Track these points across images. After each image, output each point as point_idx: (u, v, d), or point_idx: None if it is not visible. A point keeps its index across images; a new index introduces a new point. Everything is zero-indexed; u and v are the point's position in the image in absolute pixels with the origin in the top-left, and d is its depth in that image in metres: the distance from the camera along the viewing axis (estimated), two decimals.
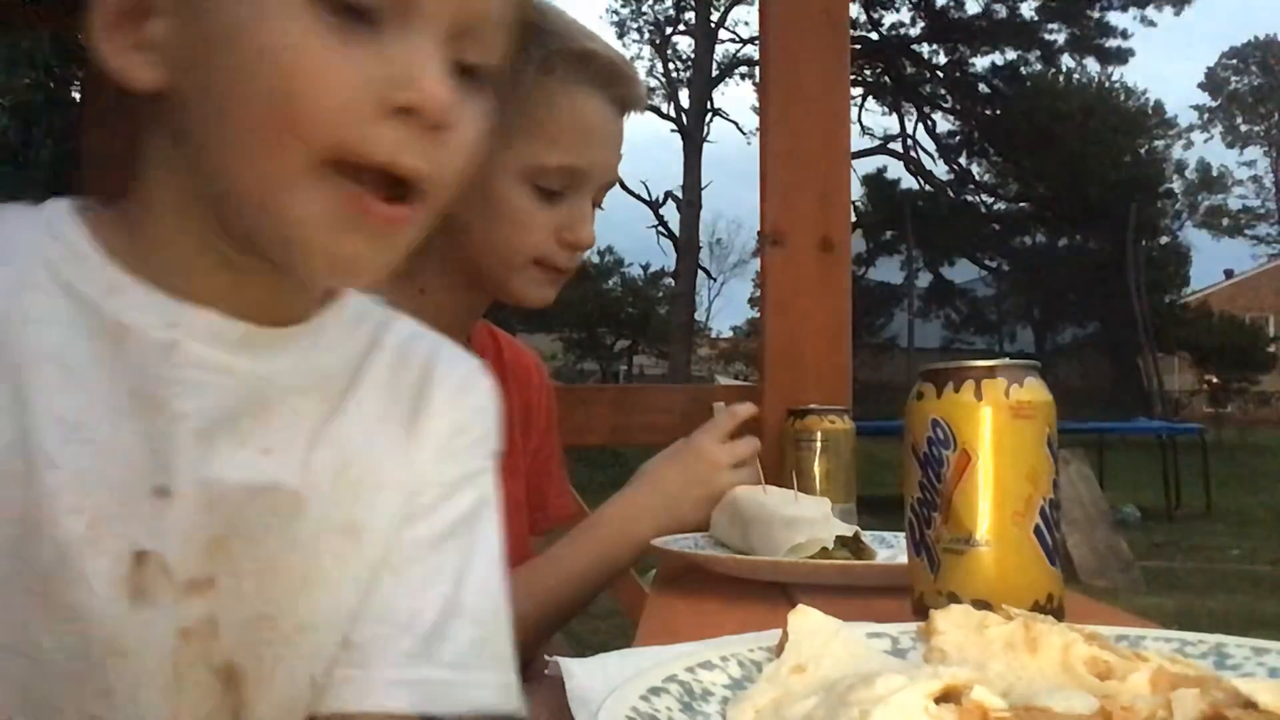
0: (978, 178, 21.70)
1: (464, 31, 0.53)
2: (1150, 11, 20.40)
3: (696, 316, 23.41)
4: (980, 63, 20.66)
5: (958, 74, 20.69)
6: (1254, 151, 37.42)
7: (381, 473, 0.61)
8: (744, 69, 21.16)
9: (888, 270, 17.98)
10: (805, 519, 1.02)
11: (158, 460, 0.53)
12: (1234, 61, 37.78)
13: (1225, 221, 36.89)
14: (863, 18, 19.61)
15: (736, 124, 23.19)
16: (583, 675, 0.53)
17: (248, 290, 0.56)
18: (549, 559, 1.09)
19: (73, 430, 0.52)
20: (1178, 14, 20.57)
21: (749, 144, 20.11)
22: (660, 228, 22.11)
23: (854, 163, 2.54)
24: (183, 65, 0.52)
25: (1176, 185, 29.80)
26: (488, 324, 1.23)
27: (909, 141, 21.48)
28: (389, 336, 0.65)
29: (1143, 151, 22.16)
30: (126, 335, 0.54)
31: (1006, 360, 0.71)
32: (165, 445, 0.53)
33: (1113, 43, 20.57)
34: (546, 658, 0.59)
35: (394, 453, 0.62)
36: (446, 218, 1.05)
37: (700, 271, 23.25)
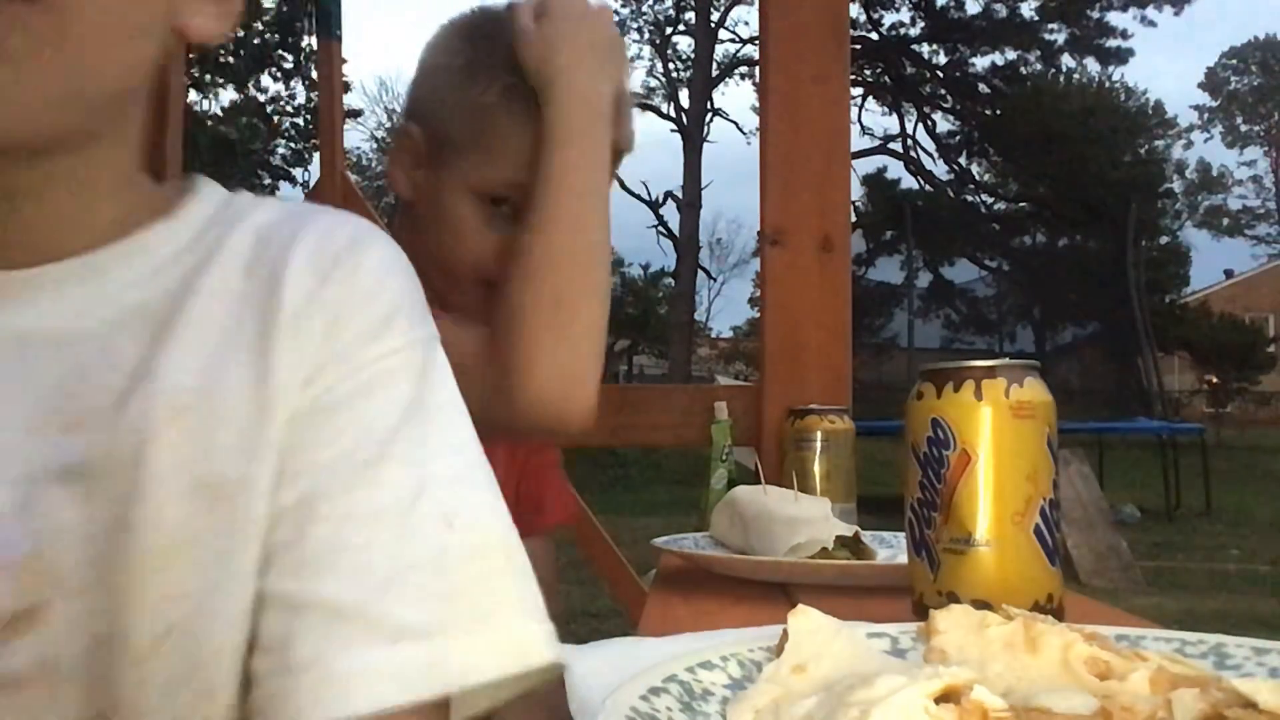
0: (978, 178, 21.70)
1: None
2: (1150, 11, 20.40)
3: (696, 316, 23.42)
4: (980, 63, 20.68)
5: (958, 74, 20.69)
6: (1254, 151, 37.46)
7: (236, 411, 0.46)
8: (744, 69, 21.16)
9: (888, 270, 17.97)
10: (805, 519, 1.02)
11: None
12: (1234, 61, 37.78)
13: (1225, 221, 36.90)
14: (863, 18, 19.62)
15: (736, 124, 23.17)
16: (582, 670, 0.53)
17: None
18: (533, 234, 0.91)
19: None
20: (1178, 14, 20.57)
21: (749, 144, 20.10)
22: (660, 228, 22.13)
23: (854, 163, 2.54)
24: None
25: (1176, 185, 29.82)
26: None
27: (909, 141, 21.49)
28: (239, 231, 0.50)
29: (1143, 151, 22.15)
30: None
31: (1006, 360, 0.71)
32: None
33: (1113, 43, 20.58)
34: None
35: (249, 381, 0.46)
36: (415, 222, 1.06)
37: (700, 271, 23.27)
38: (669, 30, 22.14)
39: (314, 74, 4.58)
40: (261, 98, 14.86)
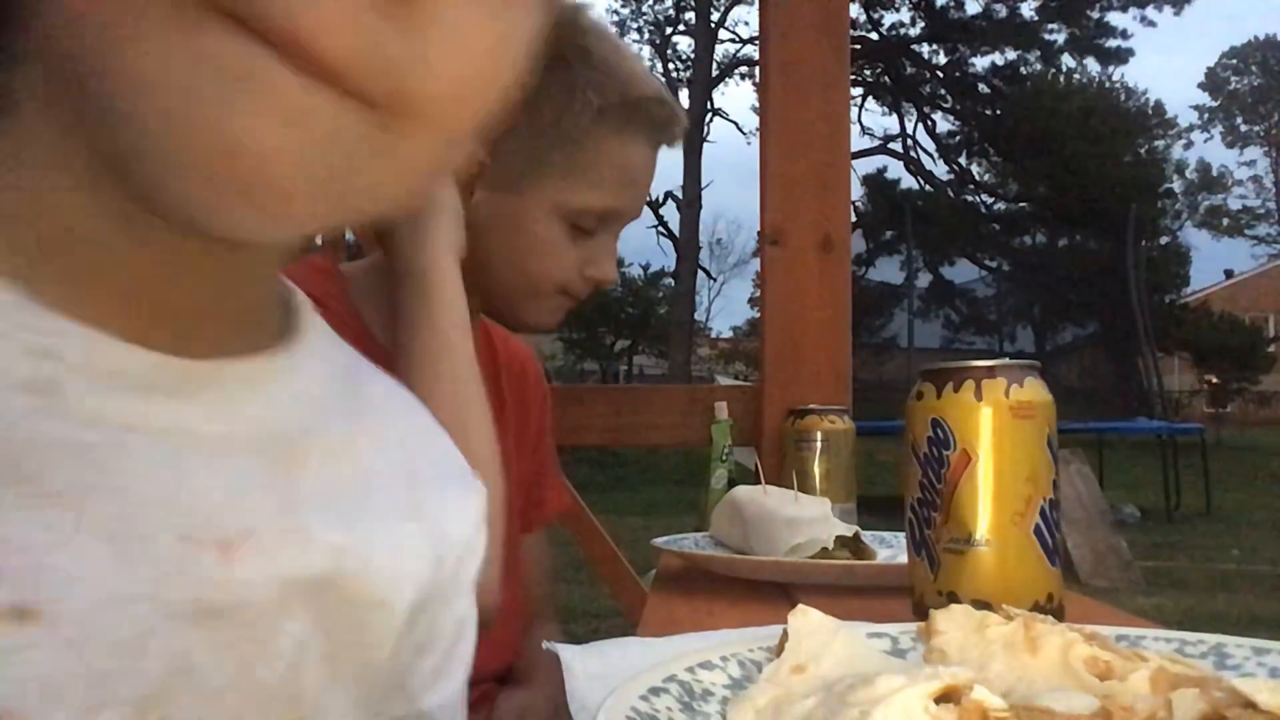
0: (978, 178, 21.68)
1: None
2: (1150, 11, 20.39)
3: (696, 316, 23.42)
4: (980, 63, 20.66)
5: (958, 74, 20.68)
6: (1254, 151, 37.45)
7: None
8: (744, 69, 21.16)
9: (888, 270, 17.95)
10: (805, 519, 1.02)
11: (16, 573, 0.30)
12: (1234, 61, 37.78)
13: (1225, 221, 36.89)
14: (863, 18, 19.61)
15: (736, 124, 23.20)
16: (582, 670, 0.53)
17: (177, 280, 0.35)
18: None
19: None
20: (1178, 14, 20.55)
21: (749, 144, 20.11)
22: (660, 228, 22.11)
23: (854, 163, 2.54)
24: None
25: (1176, 185, 29.76)
26: (482, 319, 1.23)
27: (909, 141, 21.48)
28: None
29: (1143, 151, 22.14)
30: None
31: (1006, 360, 0.71)
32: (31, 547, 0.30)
33: (1113, 43, 20.56)
34: (545, 645, 0.59)
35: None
36: (469, 239, 1.05)
37: (700, 271, 23.26)
38: (669, 30, 22.15)
39: None
40: None
